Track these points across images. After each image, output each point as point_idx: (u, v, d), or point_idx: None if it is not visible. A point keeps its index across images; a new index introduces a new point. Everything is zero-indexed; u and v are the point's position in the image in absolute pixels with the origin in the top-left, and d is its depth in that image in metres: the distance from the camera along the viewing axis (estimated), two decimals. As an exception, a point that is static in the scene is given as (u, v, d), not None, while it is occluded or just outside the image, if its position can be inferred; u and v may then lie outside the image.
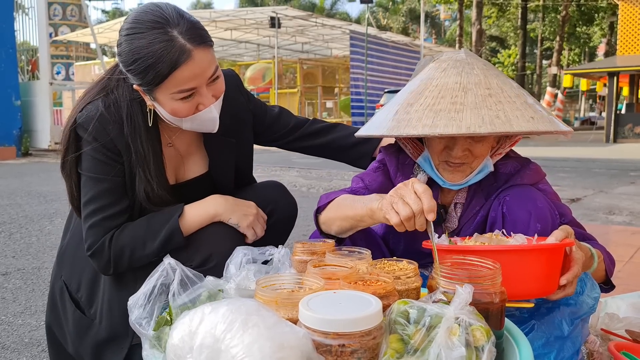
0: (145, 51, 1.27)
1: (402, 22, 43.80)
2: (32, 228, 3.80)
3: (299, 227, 3.80)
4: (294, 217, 1.71)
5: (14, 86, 10.73)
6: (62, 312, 1.55)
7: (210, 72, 1.34)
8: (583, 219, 4.16)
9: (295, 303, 0.88)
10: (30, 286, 2.55)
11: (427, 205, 1.09)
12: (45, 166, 8.45)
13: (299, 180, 6.56)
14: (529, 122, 1.25)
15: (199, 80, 1.32)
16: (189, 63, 1.28)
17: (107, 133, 1.41)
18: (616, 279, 1.44)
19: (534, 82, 40.80)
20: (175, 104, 1.34)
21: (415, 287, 1.04)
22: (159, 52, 1.26)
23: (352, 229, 1.36)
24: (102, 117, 1.41)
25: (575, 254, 1.16)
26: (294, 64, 24.39)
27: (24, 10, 13.13)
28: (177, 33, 1.28)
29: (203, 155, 1.60)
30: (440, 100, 1.29)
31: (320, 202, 1.47)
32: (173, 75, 1.28)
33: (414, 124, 1.28)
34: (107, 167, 1.42)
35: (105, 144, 1.41)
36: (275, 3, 41.57)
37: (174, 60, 1.27)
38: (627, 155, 11.33)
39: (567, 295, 1.17)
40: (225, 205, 1.47)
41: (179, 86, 1.30)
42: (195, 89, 1.33)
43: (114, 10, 44.62)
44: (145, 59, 1.27)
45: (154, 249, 1.40)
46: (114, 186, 1.43)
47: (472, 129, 1.22)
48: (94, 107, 1.42)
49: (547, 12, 35.91)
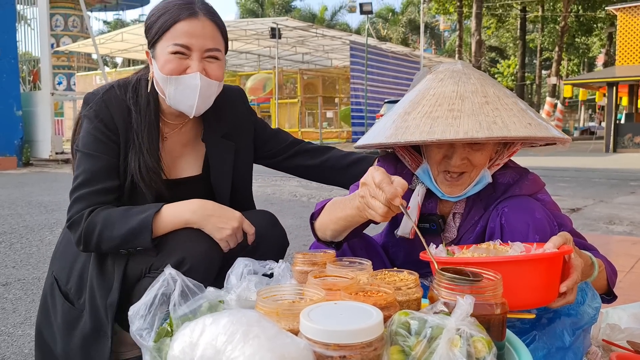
0: (160, 6, 1.43)
1: (402, 32, 44.02)
2: (32, 238, 3.80)
3: (300, 238, 3.81)
4: (283, 250, 1.65)
5: (16, 96, 10.79)
6: (51, 309, 1.53)
7: (208, 44, 1.41)
8: (584, 229, 4.15)
9: (296, 314, 0.87)
10: (31, 297, 2.55)
11: (389, 194, 1.10)
12: (46, 176, 8.46)
13: (300, 190, 6.56)
14: (526, 128, 1.26)
15: (195, 42, 1.39)
16: (192, 20, 1.39)
17: (108, 110, 1.46)
18: (617, 289, 1.44)
19: (533, 92, 40.92)
20: (168, 57, 1.40)
21: (416, 298, 1.04)
22: (170, 5, 1.41)
23: (345, 230, 1.36)
24: (107, 93, 1.49)
25: (575, 260, 1.16)
26: (294, 74, 24.49)
27: (26, 21, 13.22)
28: (195, 3, 1.43)
29: (198, 157, 1.61)
30: (438, 108, 1.30)
31: (315, 208, 1.47)
32: (174, 27, 1.38)
33: (411, 131, 1.29)
34: (102, 145, 1.45)
35: (105, 121, 1.45)
36: (276, 14, 41.82)
37: (179, 14, 1.39)
38: (627, 165, 11.34)
39: (568, 302, 1.17)
40: (201, 213, 1.42)
41: (175, 39, 1.39)
42: (189, 50, 1.40)
43: (115, 21, 44.88)
44: (157, 12, 1.42)
45: (119, 235, 1.37)
46: (106, 164, 1.45)
47: (469, 134, 1.22)
48: (104, 87, 1.52)
49: (546, 22, 36.10)
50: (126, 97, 1.50)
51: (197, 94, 1.42)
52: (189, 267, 1.35)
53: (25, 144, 10.82)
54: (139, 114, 1.49)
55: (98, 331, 1.44)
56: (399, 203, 1.11)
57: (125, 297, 1.42)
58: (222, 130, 1.62)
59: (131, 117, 1.49)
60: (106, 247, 1.40)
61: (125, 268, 1.43)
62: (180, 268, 1.34)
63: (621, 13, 19.49)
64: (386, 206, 1.12)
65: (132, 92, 1.51)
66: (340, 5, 44.18)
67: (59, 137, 11.99)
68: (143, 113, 1.49)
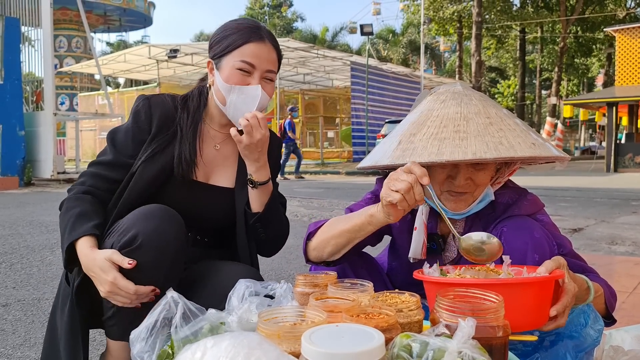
0: (231, 25, 1.60)
1: (403, 53, 44.39)
2: (33, 258, 3.79)
3: (300, 258, 3.80)
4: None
5: (19, 117, 10.86)
6: (59, 300, 1.55)
7: (268, 66, 1.57)
8: (585, 249, 4.14)
9: (297, 336, 0.87)
10: (30, 317, 2.54)
11: (419, 172, 1.17)
12: (48, 196, 8.47)
13: (301, 210, 6.56)
14: (531, 148, 1.28)
15: (259, 63, 1.55)
16: (259, 44, 1.56)
17: (149, 109, 1.60)
18: (620, 310, 1.43)
19: (533, 112, 41.13)
20: (233, 71, 1.55)
21: (418, 320, 1.04)
22: (241, 27, 1.58)
23: (347, 245, 1.37)
24: (156, 95, 1.64)
25: (568, 285, 1.16)
26: (295, 95, 24.67)
27: (30, 42, 13.37)
28: (262, 29, 1.60)
29: (234, 172, 1.68)
30: (444, 129, 1.32)
31: (310, 229, 1.47)
32: (244, 46, 1.55)
33: (419, 152, 1.30)
34: (130, 142, 1.58)
35: (140, 120, 1.59)
36: (277, 35, 42.23)
37: (249, 36, 1.56)
38: (628, 184, 11.34)
39: (559, 326, 1.16)
40: (89, 268, 1.38)
41: (243, 57, 1.54)
42: (253, 68, 1.55)
43: (118, 42, 45.33)
44: (229, 30, 1.58)
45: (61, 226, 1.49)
46: (120, 160, 1.57)
47: (477, 154, 1.24)
48: (155, 94, 1.67)
49: (545, 43, 36.47)
50: (175, 101, 1.65)
51: (257, 103, 1.55)
52: (140, 243, 1.33)
53: (27, 164, 10.85)
54: (186, 113, 1.63)
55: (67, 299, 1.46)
56: (426, 182, 1.17)
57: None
58: None
59: (174, 117, 1.62)
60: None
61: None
62: (132, 244, 1.33)
63: (620, 34, 19.68)
64: (410, 187, 1.16)
65: (181, 99, 1.67)
66: (341, 26, 44.66)
67: (61, 157, 12.05)
68: (191, 113, 1.64)
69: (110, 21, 33.31)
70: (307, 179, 14.47)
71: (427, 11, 29.75)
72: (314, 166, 18.74)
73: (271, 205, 1.63)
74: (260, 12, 50.62)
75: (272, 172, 1.69)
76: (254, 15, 48.56)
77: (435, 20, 32.42)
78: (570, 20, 31.04)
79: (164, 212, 1.40)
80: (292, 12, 52.77)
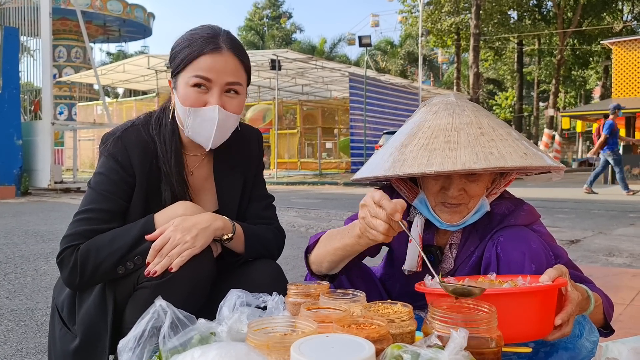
0: (186, 37, 1.45)
1: (401, 64, 44.60)
2: (27, 268, 3.77)
3: (297, 268, 3.78)
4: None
5: (17, 126, 10.84)
6: (51, 336, 1.51)
7: (229, 79, 1.42)
8: (583, 260, 4.13)
9: (287, 347, 0.86)
10: (23, 328, 2.51)
11: (389, 209, 1.13)
12: (44, 205, 8.44)
13: (298, 221, 6.54)
14: (522, 157, 1.27)
15: (217, 77, 1.40)
16: (215, 55, 1.40)
17: (126, 151, 1.44)
18: (617, 322, 1.42)
19: (531, 124, 41.27)
20: (188, 90, 1.41)
21: (410, 330, 1.02)
22: (195, 38, 1.42)
23: (343, 261, 1.36)
24: (126, 132, 1.47)
25: (571, 293, 1.15)
26: (294, 105, 24.69)
27: (29, 52, 13.40)
28: (219, 37, 1.44)
29: (214, 192, 1.61)
30: (434, 140, 1.32)
31: (310, 242, 1.47)
32: (198, 60, 1.39)
33: (409, 164, 1.30)
34: (114, 186, 1.42)
35: (121, 162, 1.43)
36: (276, 46, 42.46)
37: (202, 47, 1.40)
38: (625, 196, 11.33)
39: (564, 335, 1.15)
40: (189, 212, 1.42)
41: (197, 71, 1.40)
42: (209, 83, 1.40)
43: (118, 53, 45.49)
44: (182, 44, 1.44)
45: (124, 245, 1.34)
46: (112, 206, 1.42)
47: (467, 165, 1.23)
48: (124, 124, 1.52)
49: (542, 55, 36.66)
50: (149, 131, 1.50)
51: (215, 127, 1.42)
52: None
53: (24, 173, 10.82)
54: (164, 144, 1.49)
55: (94, 347, 1.39)
56: (398, 219, 1.13)
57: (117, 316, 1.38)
58: (232, 163, 1.60)
59: (154, 153, 1.47)
60: (104, 268, 1.34)
61: (115, 287, 1.38)
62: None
63: (616, 47, 19.81)
64: (387, 223, 1.13)
65: (155, 124, 1.51)
66: (340, 37, 44.79)
67: (58, 166, 12.02)
68: (168, 142, 1.49)
69: (110, 32, 33.43)
70: (305, 189, 14.44)
71: (425, 23, 29.92)
72: (311, 177, 18.73)
73: (250, 240, 1.52)
74: (260, 24, 50.88)
75: (256, 169, 1.65)
76: (253, 27, 48.82)
77: (433, 32, 32.59)
78: (568, 33, 31.23)
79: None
80: (291, 23, 53.02)
